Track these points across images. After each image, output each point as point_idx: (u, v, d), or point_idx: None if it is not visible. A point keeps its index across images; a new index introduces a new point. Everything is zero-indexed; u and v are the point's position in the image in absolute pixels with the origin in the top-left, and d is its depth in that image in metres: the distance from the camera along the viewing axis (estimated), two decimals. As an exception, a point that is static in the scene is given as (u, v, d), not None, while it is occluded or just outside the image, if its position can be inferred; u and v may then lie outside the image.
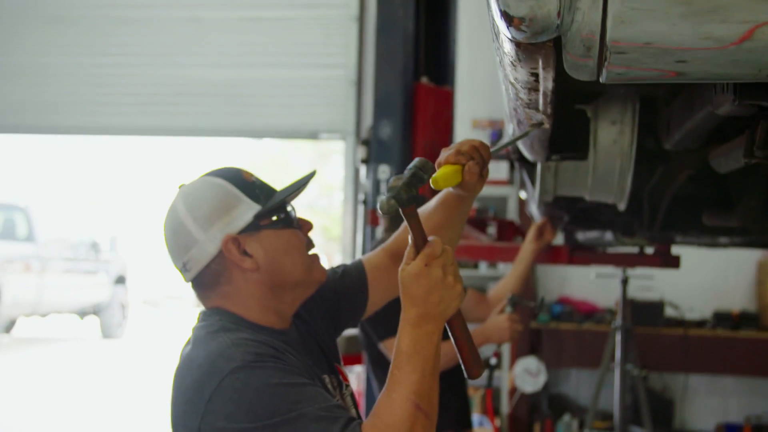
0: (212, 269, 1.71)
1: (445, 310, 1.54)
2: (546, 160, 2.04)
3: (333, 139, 7.89)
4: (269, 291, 1.73)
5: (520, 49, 1.18)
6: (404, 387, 1.49)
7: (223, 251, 1.69)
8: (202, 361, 1.58)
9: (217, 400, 1.51)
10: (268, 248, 1.71)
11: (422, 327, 1.52)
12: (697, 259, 5.93)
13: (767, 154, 1.44)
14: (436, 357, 1.53)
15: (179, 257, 1.73)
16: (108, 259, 13.52)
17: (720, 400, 7.15)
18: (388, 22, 4.91)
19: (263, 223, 1.72)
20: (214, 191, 1.71)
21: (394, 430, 1.47)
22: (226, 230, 1.69)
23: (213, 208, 1.69)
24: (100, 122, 8.01)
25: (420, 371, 1.50)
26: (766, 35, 1.02)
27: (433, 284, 1.52)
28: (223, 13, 7.82)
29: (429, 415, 1.50)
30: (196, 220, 1.69)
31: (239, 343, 1.59)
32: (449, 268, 1.55)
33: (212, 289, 1.73)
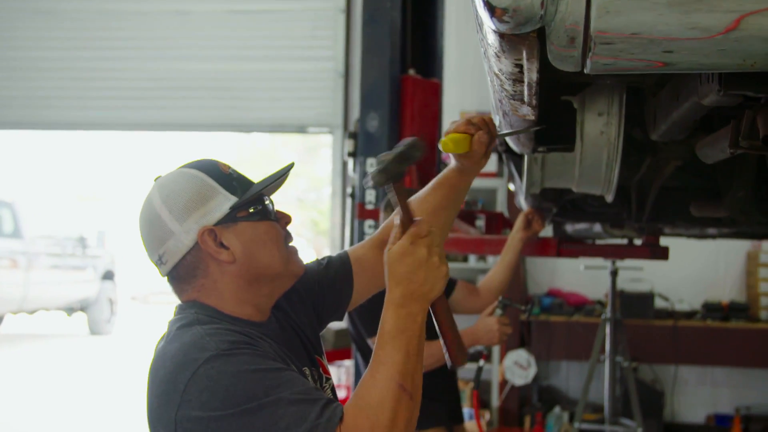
0: (188, 262, 1.69)
1: (429, 291, 1.53)
2: (533, 152, 2.03)
3: (321, 133, 7.87)
4: (246, 283, 1.71)
5: (503, 40, 1.17)
6: (388, 367, 1.47)
7: (199, 243, 1.67)
8: (175, 353, 1.56)
9: (192, 389, 1.49)
10: (245, 240, 1.69)
11: (406, 307, 1.51)
12: (687, 251, 5.94)
13: (752, 144, 1.43)
14: (421, 337, 1.52)
15: (155, 250, 1.71)
16: (95, 255, 13.46)
17: (710, 391, 7.16)
18: (374, 14, 4.89)
19: (240, 215, 1.70)
20: (190, 183, 1.70)
21: (378, 411, 1.44)
22: (202, 222, 1.67)
23: (189, 199, 1.68)
24: (86, 117, 7.97)
25: (404, 351, 1.48)
26: (752, 25, 1.01)
27: (417, 263, 1.52)
28: (211, 6, 7.78)
29: (413, 396, 1.47)
30: (172, 211, 1.67)
31: (213, 332, 1.57)
32: (435, 248, 1.54)
33: (188, 282, 1.71)
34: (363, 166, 4.82)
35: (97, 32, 7.82)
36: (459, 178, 1.97)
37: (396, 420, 1.44)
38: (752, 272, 7.04)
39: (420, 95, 4.89)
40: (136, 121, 7.99)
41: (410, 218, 1.58)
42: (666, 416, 6.93)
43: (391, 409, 1.44)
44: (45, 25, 7.88)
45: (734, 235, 4.00)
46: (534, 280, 7.37)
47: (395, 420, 1.43)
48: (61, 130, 8.71)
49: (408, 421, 1.45)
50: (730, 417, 6.82)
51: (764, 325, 6.75)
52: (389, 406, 1.44)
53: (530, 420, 6.80)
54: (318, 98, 7.56)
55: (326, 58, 7.52)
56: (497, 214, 4.84)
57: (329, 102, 7.52)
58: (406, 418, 1.45)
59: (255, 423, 1.44)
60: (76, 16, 7.85)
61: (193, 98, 7.76)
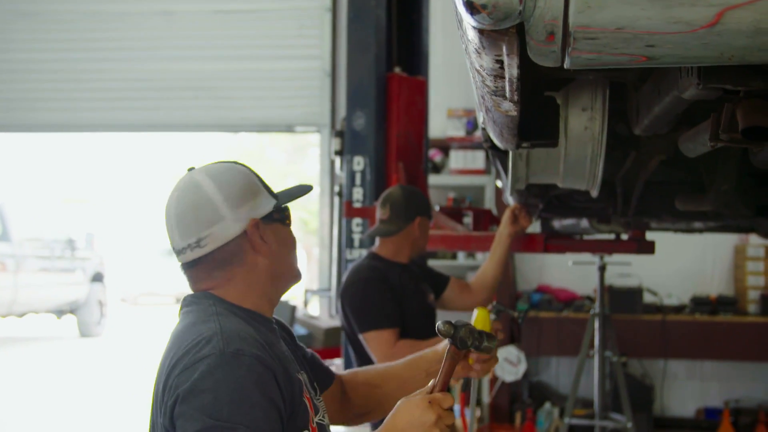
0: (230, 248, 1.77)
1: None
2: (516, 147, 2.03)
3: (308, 132, 7.86)
4: (270, 279, 1.82)
5: (483, 36, 1.17)
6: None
7: (247, 232, 1.77)
8: (190, 341, 1.63)
9: (184, 376, 1.57)
10: (278, 240, 1.83)
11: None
12: (675, 245, 5.96)
13: (732, 137, 1.44)
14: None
15: (195, 233, 1.76)
16: (84, 257, 13.41)
17: (699, 384, 7.19)
18: (359, 13, 4.88)
19: (276, 216, 1.83)
20: (243, 175, 1.81)
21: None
22: (252, 213, 1.78)
23: (243, 190, 1.78)
24: (73, 119, 7.94)
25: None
26: (733, 18, 1.02)
27: (420, 422, 1.58)
28: (197, 6, 7.77)
29: None
30: (228, 198, 1.76)
31: (227, 330, 1.64)
32: (442, 422, 1.59)
33: (223, 268, 1.78)
34: (350, 164, 4.82)
35: (82, 33, 7.79)
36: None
37: None
38: (740, 266, 7.07)
39: (406, 93, 4.89)
40: (123, 122, 7.97)
41: (444, 385, 1.65)
42: (656, 410, 6.96)
43: None
44: (30, 27, 7.85)
45: (720, 228, 4.02)
46: (523, 276, 7.39)
47: None
48: (48, 132, 8.68)
49: None
50: (719, 410, 6.84)
51: (752, 318, 6.78)
52: None
53: (521, 416, 6.81)
54: (305, 97, 7.56)
55: (313, 57, 7.51)
56: (485, 211, 4.85)
57: (316, 101, 7.52)
58: None
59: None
60: (60, 17, 7.82)
61: (179, 98, 7.74)
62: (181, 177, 1.84)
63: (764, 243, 6.66)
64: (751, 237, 6.84)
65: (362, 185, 4.90)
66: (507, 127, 1.82)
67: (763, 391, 7.04)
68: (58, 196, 21.32)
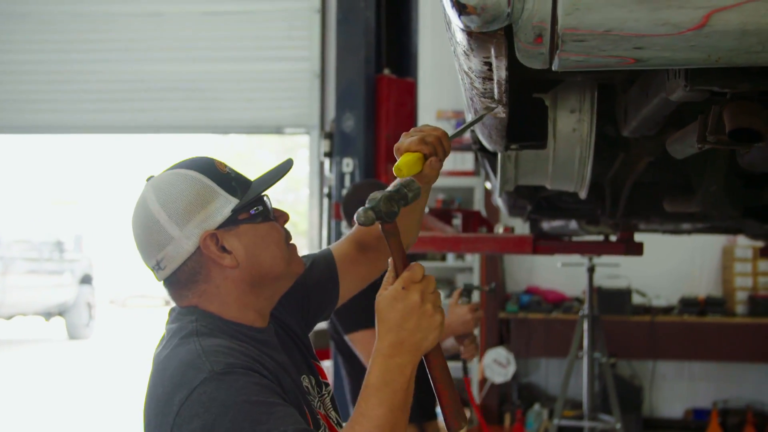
0: (189, 267, 1.63)
1: (421, 341, 1.45)
2: (505, 149, 2.03)
3: (298, 134, 7.85)
4: (249, 287, 1.66)
5: (471, 38, 1.17)
6: (368, 421, 1.41)
7: (201, 248, 1.61)
8: (173, 371, 1.51)
9: (186, 414, 1.45)
10: (248, 243, 1.64)
11: (394, 357, 1.44)
12: (663, 247, 5.97)
13: (719, 138, 1.44)
14: (408, 391, 1.45)
15: (152, 255, 1.64)
16: (73, 259, 13.38)
17: (688, 385, 7.22)
18: (348, 14, 4.90)
19: (241, 218, 1.64)
20: (189, 185, 1.62)
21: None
22: (203, 226, 1.60)
23: (189, 202, 1.61)
24: (61, 120, 7.91)
25: (387, 405, 1.42)
26: (720, 21, 1.02)
27: (409, 309, 1.44)
28: (185, 7, 7.75)
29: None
30: (171, 216, 1.60)
31: (210, 350, 1.52)
32: (429, 295, 1.46)
33: (188, 287, 1.65)
34: (339, 165, 4.82)
35: (71, 35, 7.76)
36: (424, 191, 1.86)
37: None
38: (728, 267, 7.10)
39: (395, 94, 4.90)
40: (111, 123, 7.94)
41: (404, 262, 1.49)
42: (644, 411, 6.98)
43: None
44: (17, 29, 7.82)
45: (708, 230, 4.04)
46: (512, 277, 7.40)
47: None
48: (37, 134, 8.64)
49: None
50: (707, 411, 6.87)
51: (740, 319, 6.81)
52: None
53: (510, 417, 6.82)
54: (294, 99, 7.54)
55: (302, 58, 7.50)
56: (474, 212, 4.85)
57: (305, 102, 7.51)
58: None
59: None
60: (49, 19, 7.79)
61: (168, 100, 7.72)
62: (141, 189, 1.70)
63: (752, 244, 6.69)
64: (739, 238, 6.87)
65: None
66: (495, 128, 1.83)
67: (751, 391, 7.07)
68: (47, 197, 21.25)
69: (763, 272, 6.93)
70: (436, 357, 1.50)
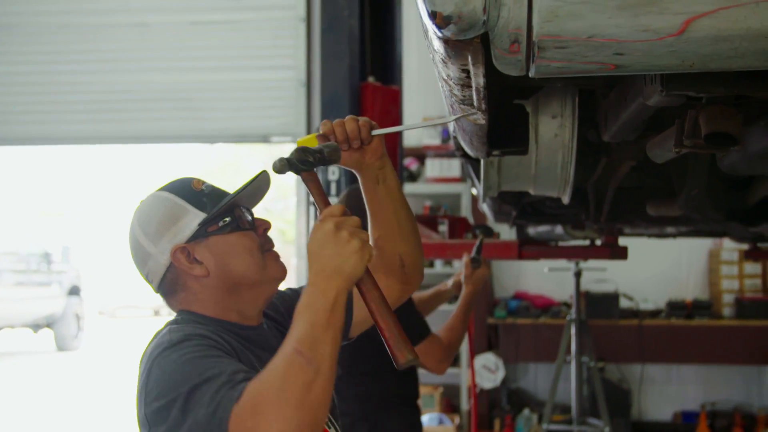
0: (168, 279, 1.79)
1: (341, 264, 1.51)
2: (486, 156, 2.05)
3: (285, 142, 7.85)
4: (225, 293, 1.78)
5: (448, 46, 1.18)
6: (290, 338, 1.48)
7: (174, 261, 1.76)
8: (146, 356, 1.64)
9: (150, 383, 1.56)
10: (217, 253, 1.76)
11: (317, 285, 1.51)
12: (650, 251, 6.01)
13: (695, 143, 1.46)
14: (332, 311, 1.49)
15: (141, 270, 1.83)
16: (61, 270, 13.33)
17: (676, 388, 7.25)
18: (332, 23, 4.90)
19: (210, 230, 1.77)
20: (161, 205, 1.79)
21: (272, 374, 1.44)
22: (174, 241, 1.76)
23: (160, 222, 1.77)
24: (47, 131, 7.89)
25: (309, 323, 1.48)
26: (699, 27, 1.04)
27: (325, 237, 1.52)
28: (171, 17, 7.74)
29: (311, 361, 1.44)
30: (147, 235, 1.78)
31: (176, 329, 1.66)
32: (345, 225, 1.53)
33: (173, 296, 1.81)
34: (325, 173, 4.83)
35: (56, 46, 7.74)
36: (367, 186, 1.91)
37: (286, 382, 1.42)
38: (714, 270, 7.13)
39: (380, 102, 4.91)
40: (98, 134, 7.92)
41: (324, 203, 1.62)
42: (633, 415, 7.00)
43: (282, 372, 1.43)
44: (2, 40, 7.80)
45: (693, 233, 4.06)
46: (500, 283, 7.42)
47: (285, 382, 1.42)
48: (22, 146, 8.61)
49: (305, 385, 1.42)
50: (696, 413, 6.89)
51: (727, 321, 6.84)
52: (280, 369, 1.44)
53: (500, 423, 6.83)
54: (281, 107, 7.54)
55: (288, 67, 7.50)
56: (460, 219, 4.87)
57: (292, 111, 7.50)
58: (300, 381, 1.42)
59: (189, 403, 1.48)
60: (34, 30, 7.77)
61: (155, 110, 7.70)
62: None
63: (738, 247, 6.72)
64: (724, 241, 6.90)
65: (337, 195, 4.91)
66: (476, 135, 1.84)
67: (738, 393, 7.11)
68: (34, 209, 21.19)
69: (749, 275, 6.97)
70: (369, 290, 1.57)
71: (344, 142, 1.78)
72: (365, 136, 1.79)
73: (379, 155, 1.85)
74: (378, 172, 1.86)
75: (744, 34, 1.04)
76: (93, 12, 7.72)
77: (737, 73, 1.36)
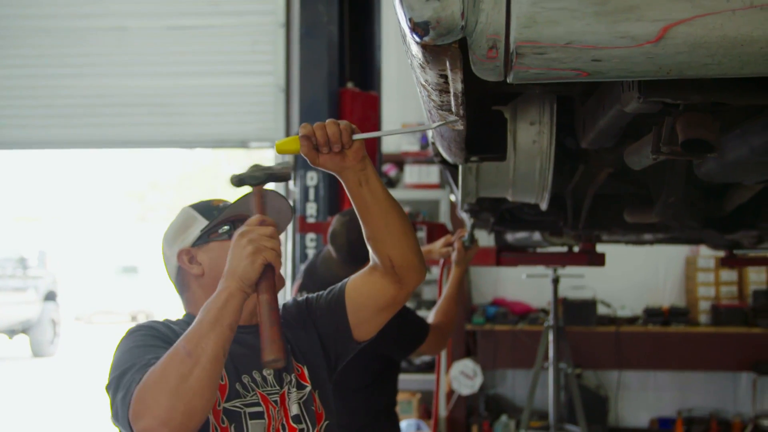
0: (178, 279, 2.04)
1: (234, 269, 1.70)
2: (464, 162, 2.05)
3: (263, 148, 7.84)
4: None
5: (426, 51, 1.18)
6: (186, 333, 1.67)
7: (179, 262, 2.01)
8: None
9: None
10: (213, 256, 1.99)
11: (221, 288, 1.71)
12: (628, 258, 6.03)
13: (672, 149, 1.46)
14: (220, 310, 1.67)
15: (167, 273, 2.08)
16: (37, 276, 13.23)
17: (653, 395, 7.28)
18: (311, 29, 4.90)
19: (212, 236, 2.01)
20: (180, 216, 2.07)
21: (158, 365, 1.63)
22: (181, 245, 2.01)
23: (176, 229, 2.04)
24: (23, 136, 7.83)
25: (198, 320, 1.67)
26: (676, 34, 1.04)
27: (232, 245, 1.73)
28: (149, 22, 7.71)
29: (191, 353, 1.61)
30: (166, 240, 2.06)
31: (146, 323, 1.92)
32: (249, 233, 1.72)
33: (182, 297, 2.06)
34: (303, 179, 4.82)
35: (33, 50, 7.70)
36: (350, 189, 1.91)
37: (164, 372, 1.60)
38: (691, 277, 7.17)
39: (359, 108, 4.91)
40: (75, 139, 7.88)
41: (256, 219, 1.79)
42: (610, 421, 7.02)
43: (163, 363, 1.62)
44: (-22, 43, 7.74)
45: (670, 240, 4.08)
46: (478, 289, 7.42)
47: (164, 372, 1.60)
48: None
49: (181, 375, 1.59)
50: (672, 420, 6.93)
51: (704, 328, 6.88)
52: (164, 361, 1.62)
53: (478, 429, 6.83)
54: (259, 113, 7.53)
55: (266, 72, 7.49)
56: (439, 225, 4.87)
57: (270, 116, 7.49)
58: (177, 372, 1.60)
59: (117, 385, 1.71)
60: (10, 33, 7.72)
61: (133, 115, 7.67)
62: None
63: (714, 254, 6.77)
64: (701, 249, 6.95)
65: (316, 200, 4.91)
66: (454, 141, 1.84)
67: (714, 400, 7.15)
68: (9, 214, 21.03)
69: (725, 282, 7.02)
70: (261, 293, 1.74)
71: (325, 146, 1.79)
72: (346, 140, 1.80)
73: (360, 158, 1.84)
74: (360, 174, 1.86)
75: (720, 41, 1.04)
76: (71, 16, 7.68)
77: (714, 80, 1.37)
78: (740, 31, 1.03)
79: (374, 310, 2.02)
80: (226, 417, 1.82)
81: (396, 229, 1.94)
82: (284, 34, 7.45)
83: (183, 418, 1.59)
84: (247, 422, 1.84)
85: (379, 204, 1.91)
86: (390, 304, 2.01)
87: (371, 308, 2.02)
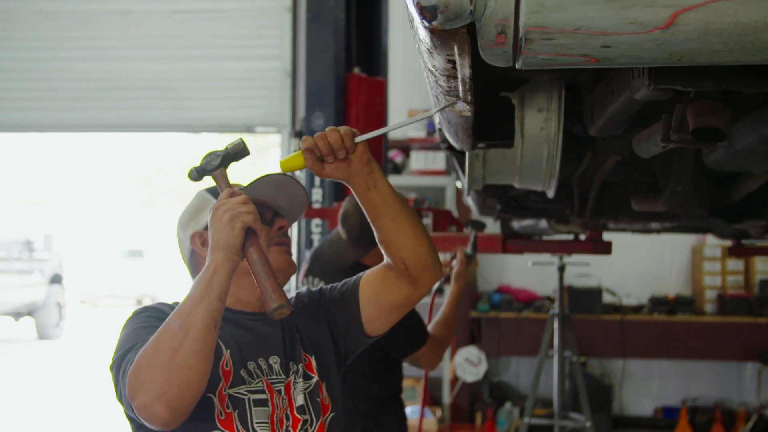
0: (191, 262, 2.06)
1: (218, 240, 1.71)
2: (471, 148, 2.03)
3: (269, 133, 7.83)
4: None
5: (434, 36, 1.16)
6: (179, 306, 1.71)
7: (192, 245, 2.03)
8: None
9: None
10: None
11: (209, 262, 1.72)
12: (634, 246, 6.02)
13: (683, 138, 1.45)
14: (208, 283, 1.68)
15: (182, 256, 2.10)
16: (42, 258, 13.25)
17: (657, 383, 7.27)
18: (318, 13, 4.88)
19: None
20: (195, 200, 2.09)
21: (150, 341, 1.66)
22: (195, 228, 2.04)
23: (190, 213, 2.07)
24: (28, 119, 7.83)
25: (188, 295, 1.71)
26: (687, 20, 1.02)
27: (210, 221, 1.75)
28: (155, 5, 7.69)
29: (182, 327, 1.64)
30: (181, 224, 2.08)
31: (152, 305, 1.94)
32: (222, 206, 1.74)
33: (193, 277, 2.03)
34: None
35: (37, 33, 7.68)
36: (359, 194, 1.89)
37: (157, 347, 1.64)
38: (697, 266, 7.15)
39: (365, 93, 4.88)
40: (81, 122, 7.87)
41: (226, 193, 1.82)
42: (614, 409, 7.02)
43: (155, 339, 1.65)
44: (-17, 26, 7.72)
45: (676, 229, 4.06)
46: (483, 277, 7.41)
47: (156, 347, 1.64)
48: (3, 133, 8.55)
49: (172, 349, 1.62)
50: (677, 409, 6.92)
51: (709, 318, 6.86)
52: (156, 336, 1.66)
53: (481, 416, 6.84)
54: (265, 98, 7.51)
55: (273, 57, 7.47)
56: (445, 211, 4.86)
57: (276, 101, 7.48)
58: (169, 345, 1.63)
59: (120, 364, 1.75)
60: (13, 16, 7.70)
61: (138, 99, 7.66)
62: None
63: (721, 243, 6.75)
64: (708, 238, 6.93)
65: (321, 186, 4.90)
66: (462, 127, 1.82)
67: (719, 389, 7.14)
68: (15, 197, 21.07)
69: (732, 271, 7.00)
70: (249, 254, 1.75)
71: (329, 155, 1.78)
72: (349, 145, 1.78)
73: (365, 161, 1.82)
74: (367, 177, 1.84)
75: (733, 28, 1.02)
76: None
77: (725, 67, 1.35)
78: (753, 17, 1.01)
79: (388, 308, 2.01)
80: (230, 402, 1.82)
81: (407, 231, 1.92)
82: (291, 18, 7.42)
83: (177, 392, 1.60)
84: (251, 409, 1.84)
85: (389, 206, 1.89)
86: (404, 303, 2.00)
87: (385, 306, 2.00)
